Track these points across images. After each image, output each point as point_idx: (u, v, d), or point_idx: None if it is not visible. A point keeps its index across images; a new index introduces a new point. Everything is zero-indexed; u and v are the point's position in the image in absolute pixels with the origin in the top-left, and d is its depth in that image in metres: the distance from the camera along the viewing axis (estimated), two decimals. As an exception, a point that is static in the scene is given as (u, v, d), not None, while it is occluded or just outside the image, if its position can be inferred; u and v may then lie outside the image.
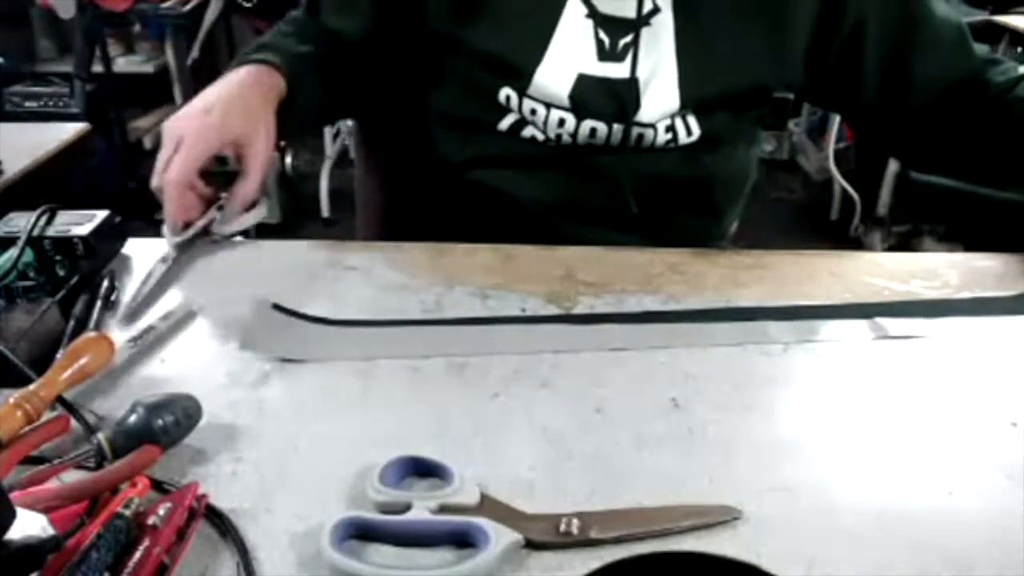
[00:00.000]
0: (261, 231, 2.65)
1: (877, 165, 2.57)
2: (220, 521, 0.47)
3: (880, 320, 0.67)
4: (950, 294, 0.72)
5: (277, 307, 0.68)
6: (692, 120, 0.82)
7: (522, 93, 0.81)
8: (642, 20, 0.77)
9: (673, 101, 0.80)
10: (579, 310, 0.68)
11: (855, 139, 2.77)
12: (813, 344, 0.64)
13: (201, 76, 3.21)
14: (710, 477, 0.51)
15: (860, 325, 0.67)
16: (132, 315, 0.68)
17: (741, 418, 0.56)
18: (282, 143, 2.74)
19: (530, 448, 0.53)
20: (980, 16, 2.37)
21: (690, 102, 0.80)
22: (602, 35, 0.78)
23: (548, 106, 0.81)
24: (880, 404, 0.58)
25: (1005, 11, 2.36)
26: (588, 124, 0.81)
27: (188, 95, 3.16)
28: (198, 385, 0.57)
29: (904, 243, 2.57)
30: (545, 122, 0.81)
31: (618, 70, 0.79)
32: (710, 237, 0.93)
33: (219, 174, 0.79)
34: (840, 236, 2.73)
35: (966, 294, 0.72)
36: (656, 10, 0.77)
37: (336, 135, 3.05)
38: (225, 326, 0.66)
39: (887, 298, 0.71)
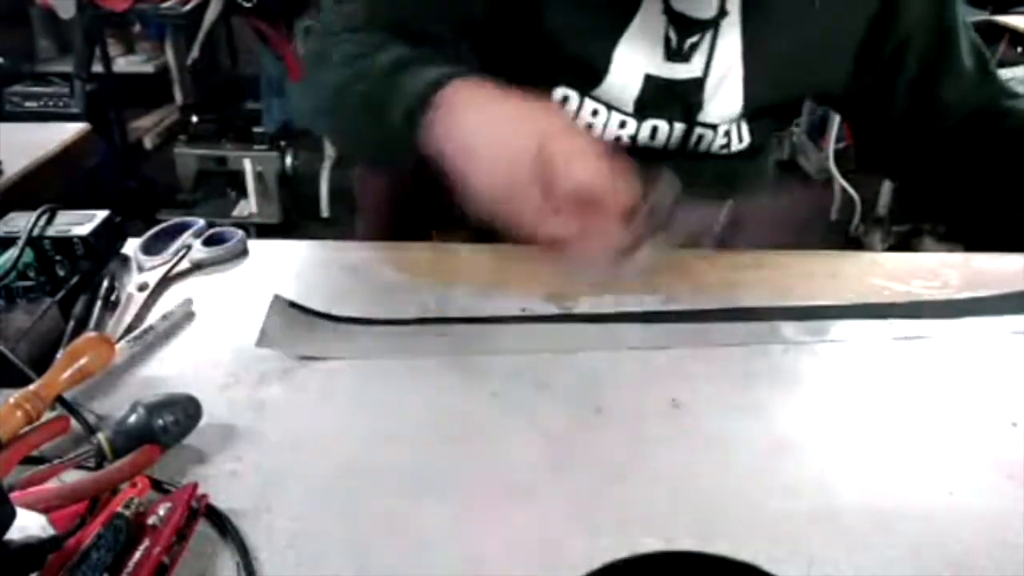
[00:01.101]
0: (261, 231, 2.66)
1: (877, 165, 2.56)
2: (220, 521, 0.47)
3: (881, 321, 0.67)
4: (950, 294, 0.72)
5: (294, 305, 0.67)
6: (744, 127, 0.83)
7: (584, 93, 0.78)
8: (715, 20, 0.76)
9: (736, 104, 0.80)
10: (579, 310, 0.68)
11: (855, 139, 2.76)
12: (813, 344, 0.64)
13: (201, 76, 3.21)
14: (710, 477, 0.51)
15: (861, 325, 0.67)
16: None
17: (741, 418, 0.56)
18: (282, 143, 2.74)
19: (530, 448, 0.53)
20: (980, 16, 2.37)
21: (751, 107, 0.80)
22: (671, 34, 0.76)
23: (610, 108, 0.79)
24: (880, 404, 0.58)
25: (1005, 11, 2.36)
26: (650, 123, 0.80)
27: (188, 95, 3.18)
28: (198, 385, 0.57)
29: (904, 243, 2.57)
30: (605, 125, 0.80)
31: (684, 71, 0.78)
32: None
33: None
34: (840, 236, 2.73)
35: (966, 294, 0.72)
36: (725, 12, 0.76)
37: (336, 135, 3.04)
38: (225, 326, 0.66)
39: (887, 298, 0.71)
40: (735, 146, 0.83)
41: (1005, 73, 2.33)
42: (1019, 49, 2.32)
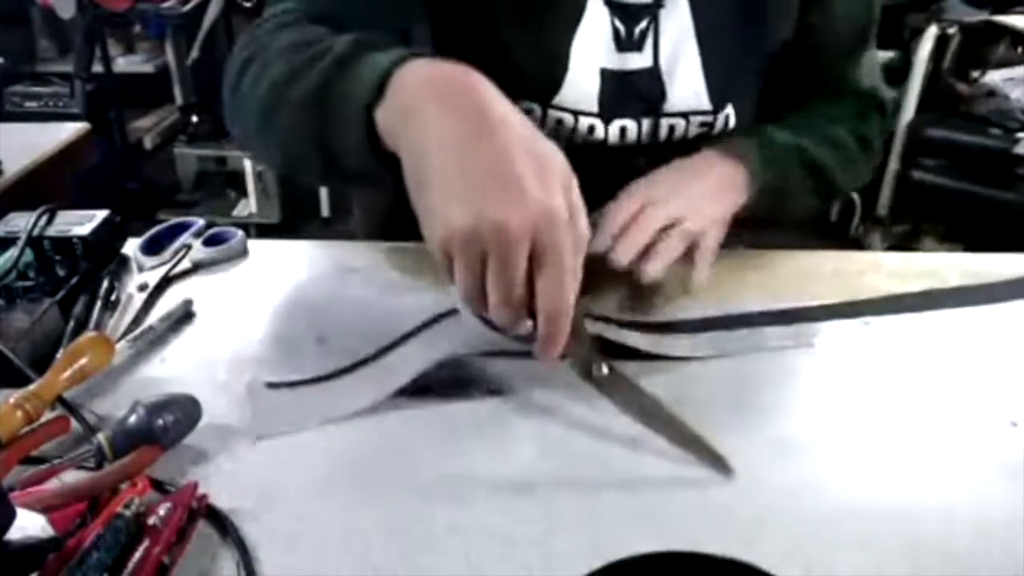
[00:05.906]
0: (261, 231, 2.66)
1: (877, 165, 2.57)
2: (220, 521, 0.47)
3: (882, 318, 0.67)
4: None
5: (272, 384, 0.59)
6: (722, 114, 0.80)
7: (547, 104, 0.77)
8: (658, 3, 0.75)
9: (699, 86, 0.78)
10: (579, 310, 0.68)
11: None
12: (812, 343, 0.64)
13: (201, 76, 3.21)
14: (710, 477, 0.51)
15: (859, 323, 0.67)
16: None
17: (741, 418, 0.56)
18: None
19: (530, 448, 0.53)
20: (980, 16, 2.37)
21: (716, 86, 0.78)
22: (617, 24, 0.75)
23: (576, 115, 0.77)
24: (880, 403, 0.58)
25: (1005, 11, 2.36)
26: (618, 124, 0.78)
27: (188, 95, 3.18)
28: (198, 385, 0.57)
29: (904, 243, 2.57)
30: (573, 131, 0.78)
31: (638, 60, 0.76)
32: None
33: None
34: (840, 236, 2.72)
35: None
36: None
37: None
38: (225, 326, 0.66)
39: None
40: (718, 130, 0.81)
41: (1004, 73, 2.33)
42: (1019, 49, 2.32)
